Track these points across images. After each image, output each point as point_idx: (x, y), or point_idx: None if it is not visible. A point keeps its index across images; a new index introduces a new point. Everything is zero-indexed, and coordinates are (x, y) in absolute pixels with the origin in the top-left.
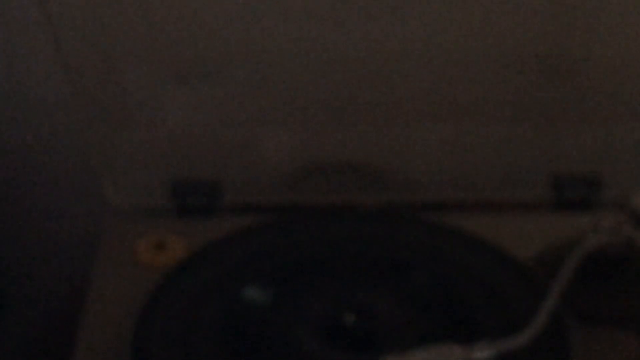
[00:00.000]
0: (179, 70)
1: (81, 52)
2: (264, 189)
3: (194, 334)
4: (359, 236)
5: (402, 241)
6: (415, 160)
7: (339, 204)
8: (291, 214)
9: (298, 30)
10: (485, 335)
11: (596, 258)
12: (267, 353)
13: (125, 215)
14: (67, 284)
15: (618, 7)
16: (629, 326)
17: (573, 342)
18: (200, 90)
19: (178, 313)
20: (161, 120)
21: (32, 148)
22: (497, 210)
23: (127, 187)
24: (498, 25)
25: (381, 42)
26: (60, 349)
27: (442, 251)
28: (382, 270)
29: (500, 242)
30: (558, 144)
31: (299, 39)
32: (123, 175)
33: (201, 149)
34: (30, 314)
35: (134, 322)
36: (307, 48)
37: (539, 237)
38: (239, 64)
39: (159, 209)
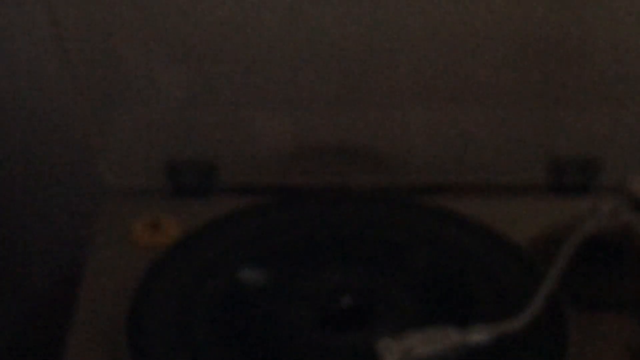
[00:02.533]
0: (175, 50)
1: (78, 31)
2: (259, 170)
3: (189, 314)
4: (355, 218)
5: (398, 224)
6: (412, 143)
7: (335, 186)
8: (287, 196)
9: (294, 12)
10: (482, 318)
11: (594, 242)
12: (263, 334)
13: (120, 195)
14: (62, 265)
15: None
16: (627, 310)
17: (570, 326)
18: (196, 71)
19: (173, 293)
20: (157, 100)
21: (27, 128)
22: (495, 193)
23: (123, 167)
24: (497, 7)
25: (377, 24)
26: (57, 329)
27: (439, 234)
28: (378, 252)
29: (498, 225)
30: (556, 127)
31: (294, 20)
32: (118, 155)
33: (197, 130)
34: (26, 294)
35: (129, 302)
36: (302, 29)
37: (536, 221)
38: (235, 44)
39: (155, 189)
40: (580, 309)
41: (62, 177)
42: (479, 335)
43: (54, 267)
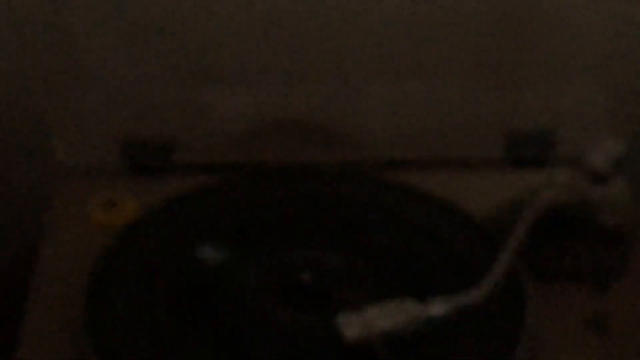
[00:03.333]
0: (129, 27)
1: (31, 9)
2: (216, 148)
3: (148, 293)
4: (313, 195)
5: (357, 199)
6: (370, 118)
7: (293, 162)
8: (245, 173)
9: None
10: (441, 291)
11: (551, 215)
12: (223, 312)
13: (76, 174)
14: (18, 244)
15: None
16: (584, 282)
17: (528, 298)
18: (151, 48)
19: (132, 272)
20: (112, 78)
21: None
22: (453, 167)
23: (79, 146)
24: None
25: (334, 0)
26: (14, 310)
27: (398, 209)
28: (338, 228)
29: (456, 199)
30: (513, 101)
31: None
32: (74, 134)
33: (153, 108)
34: None
35: (87, 282)
36: (258, 5)
37: (493, 195)
38: (191, 21)
39: (111, 168)
40: (538, 281)
41: (17, 157)
42: (438, 308)
43: (9, 247)
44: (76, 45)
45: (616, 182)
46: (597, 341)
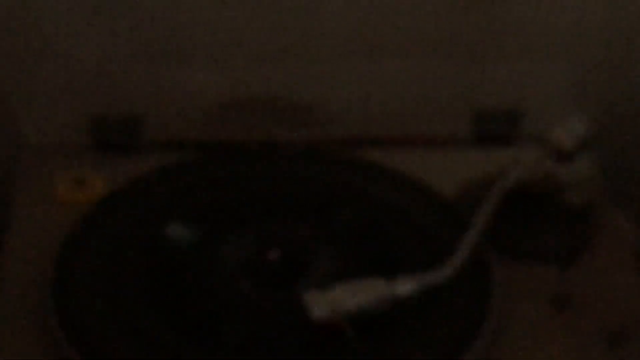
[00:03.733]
0: (97, 3)
1: None
2: (185, 126)
3: (116, 272)
4: (282, 173)
5: (325, 178)
6: (338, 97)
7: (261, 140)
8: (214, 151)
9: None
10: (409, 270)
11: (517, 193)
12: (191, 290)
13: (43, 151)
14: None
15: None
16: (550, 260)
17: (494, 277)
18: (120, 25)
19: (100, 251)
20: (80, 54)
21: None
22: (419, 145)
23: (46, 122)
24: None
25: None
26: None
27: (365, 187)
28: (306, 206)
29: (422, 177)
30: (478, 79)
31: None
32: (41, 110)
33: (121, 85)
34: None
35: (55, 260)
36: None
37: (460, 173)
38: None
39: (79, 145)
40: (505, 259)
41: None
42: (405, 286)
43: None
44: (43, 21)
45: (582, 160)
46: (561, 318)
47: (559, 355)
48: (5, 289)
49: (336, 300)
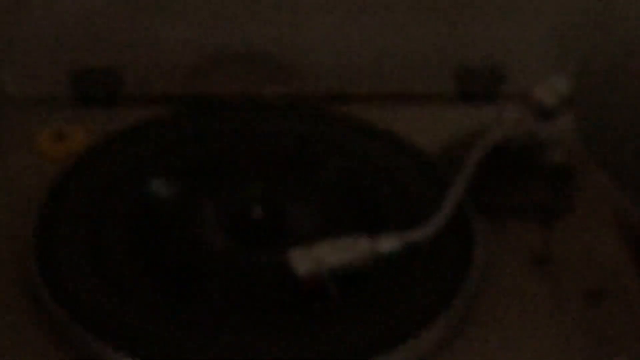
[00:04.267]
0: None
1: None
2: (166, 79)
3: (98, 227)
4: (264, 128)
5: (308, 133)
6: (319, 52)
7: (243, 95)
8: (195, 106)
9: None
10: (392, 227)
11: (499, 150)
12: (174, 247)
13: (24, 104)
14: None
15: None
16: (531, 217)
17: (477, 234)
18: None
19: (82, 205)
20: (60, 7)
21: None
22: (401, 102)
23: (26, 76)
24: None
25: None
26: None
27: (349, 143)
28: (288, 163)
29: (406, 134)
30: (461, 36)
31: None
32: (21, 64)
33: (102, 38)
34: None
35: (36, 215)
36: None
37: (444, 129)
38: None
39: (59, 99)
40: (487, 216)
41: None
42: (388, 244)
43: None
44: None
45: (563, 118)
46: (541, 275)
47: (537, 311)
48: None
49: (320, 257)
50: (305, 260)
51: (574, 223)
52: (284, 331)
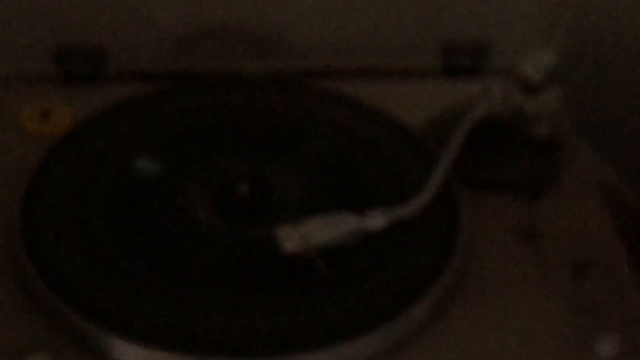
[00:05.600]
0: None
1: None
2: (151, 56)
3: (83, 205)
4: (249, 104)
5: (293, 109)
6: (304, 26)
7: (228, 71)
8: (181, 82)
9: None
10: (378, 203)
11: (484, 124)
12: (160, 225)
13: (8, 82)
14: None
15: None
16: (518, 191)
17: (463, 209)
18: None
19: (67, 183)
20: None
21: None
22: (387, 77)
23: (10, 53)
24: None
25: None
26: None
27: (333, 119)
28: (274, 139)
29: (391, 109)
30: (446, 10)
31: None
32: (4, 41)
33: (86, 14)
34: None
35: (22, 193)
36: None
37: (428, 105)
38: None
39: (44, 76)
40: (474, 191)
41: None
42: (375, 220)
43: None
44: None
45: (549, 93)
46: (528, 249)
47: (525, 284)
48: None
49: (307, 234)
50: (293, 237)
51: (560, 197)
52: (271, 307)
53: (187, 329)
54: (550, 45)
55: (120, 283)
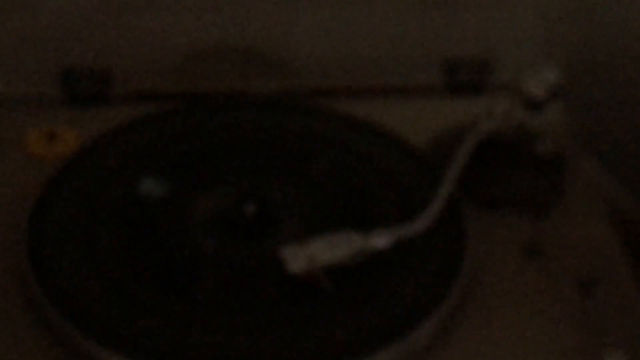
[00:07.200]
0: None
1: None
2: (155, 77)
3: (89, 227)
4: (254, 124)
5: (298, 129)
6: (308, 46)
7: (232, 91)
8: (186, 103)
9: None
10: (383, 222)
11: (489, 141)
12: (166, 245)
13: (13, 104)
14: None
15: None
16: (523, 208)
17: (469, 226)
18: None
19: (73, 206)
20: (46, 4)
21: None
22: (389, 95)
23: (15, 75)
24: None
25: None
26: None
27: (339, 138)
28: (280, 159)
29: (394, 127)
30: (449, 27)
31: None
32: (10, 62)
33: (91, 36)
34: None
35: (28, 216)
36: None
37: (432, 122)
38: None
39: (49, 98)
40: (478, 209)
41: None
42: (380, 239)
43: None
44: None
45: (552, 109)
46: (533, 267)
47: (531, 301)
48: None
49: (313, 254)
50: (298, 257)
51: (565, 212)
52: (277, 327)
53: (193, 349)
54: (553, 61)
55: (125, 302)
